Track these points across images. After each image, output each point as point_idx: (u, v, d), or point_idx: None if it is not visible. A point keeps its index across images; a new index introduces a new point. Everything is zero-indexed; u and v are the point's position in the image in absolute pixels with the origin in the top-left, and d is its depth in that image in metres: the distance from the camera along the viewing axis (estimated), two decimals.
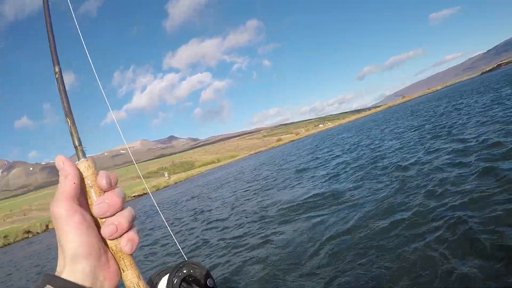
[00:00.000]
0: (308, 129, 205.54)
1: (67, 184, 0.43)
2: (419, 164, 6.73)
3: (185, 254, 5.87)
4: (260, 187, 12.13)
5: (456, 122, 10.87)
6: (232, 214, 8.77)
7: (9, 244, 42.05)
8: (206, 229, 7.99)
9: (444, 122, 11.99)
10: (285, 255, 4.46)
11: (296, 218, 6.08)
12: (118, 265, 0.45)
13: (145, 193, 61.41)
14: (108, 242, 0.45)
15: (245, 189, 13.28)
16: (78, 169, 0.45)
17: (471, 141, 6.97)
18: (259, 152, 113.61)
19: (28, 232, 43.54)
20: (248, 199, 10.32)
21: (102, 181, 0.46)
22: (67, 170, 0.44)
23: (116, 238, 0.45)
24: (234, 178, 23.33)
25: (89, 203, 0.45)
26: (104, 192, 0.46)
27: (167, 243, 8.02)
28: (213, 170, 76.97)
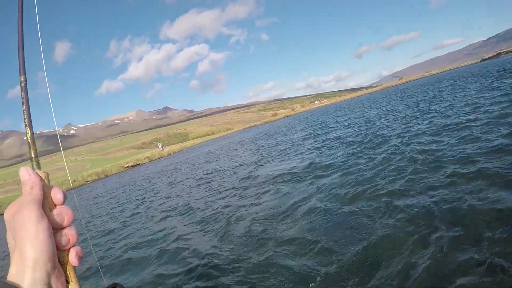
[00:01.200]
0: (303, 105, 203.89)
1: (35, 193, 0.45)
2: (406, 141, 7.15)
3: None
4: (252, 160, 12.35)
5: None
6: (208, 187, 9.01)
7: (1, 214, 42.14)
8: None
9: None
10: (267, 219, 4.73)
11: (283, 186, 6.41)
12: (64, 276, 0.46)
13: (138, 164, 61.36)
14: (58, 252, 0.45)
15: (238, 164, 13.27)
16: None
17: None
18: (254, 126, 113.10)
19: None
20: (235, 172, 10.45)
21: (59, 196, 0.48)
22: (34, 180, 0.46)
23: (66, 249, 0.46)
24: (226, 151, 23.34)
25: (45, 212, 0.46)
26: (55, 205, 0.48)
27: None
28: (206, 143, 76.70)
